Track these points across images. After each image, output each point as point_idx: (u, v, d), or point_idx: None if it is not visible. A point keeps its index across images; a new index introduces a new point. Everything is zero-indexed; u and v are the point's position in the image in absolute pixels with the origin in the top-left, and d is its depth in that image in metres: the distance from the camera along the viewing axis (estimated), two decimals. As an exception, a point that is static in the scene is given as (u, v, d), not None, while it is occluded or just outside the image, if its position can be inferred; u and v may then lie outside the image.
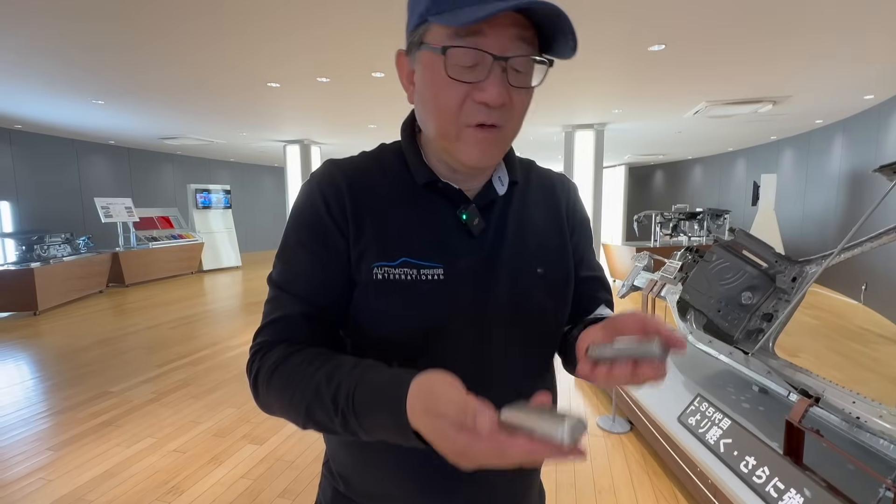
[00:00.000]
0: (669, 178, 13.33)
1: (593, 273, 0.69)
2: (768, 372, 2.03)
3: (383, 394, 0.44)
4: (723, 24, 3.17)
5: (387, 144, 0.62)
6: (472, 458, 0.39)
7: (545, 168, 0.70)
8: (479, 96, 0.49)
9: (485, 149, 0.52)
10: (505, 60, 0.48)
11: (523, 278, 0.59)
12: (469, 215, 0.57)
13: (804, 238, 7.55)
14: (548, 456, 0.36)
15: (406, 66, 0.55)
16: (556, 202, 0.66)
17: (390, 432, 0.44)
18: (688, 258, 3.09)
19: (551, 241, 0.63)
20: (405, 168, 0.58)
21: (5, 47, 3.51)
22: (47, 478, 2.19)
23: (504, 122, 0.51)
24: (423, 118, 0.55)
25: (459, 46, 0.47)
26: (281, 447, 2.45)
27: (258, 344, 0.55)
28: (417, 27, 0.51)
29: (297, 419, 0.51)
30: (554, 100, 5.31)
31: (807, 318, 5.09)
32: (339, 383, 0.47)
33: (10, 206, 6.86)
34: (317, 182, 0.57)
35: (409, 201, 0.57)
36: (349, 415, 0.46)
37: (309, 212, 0.56)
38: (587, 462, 2.30)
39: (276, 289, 0.57)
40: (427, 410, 0.40)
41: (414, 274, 0.54)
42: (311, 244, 0.56)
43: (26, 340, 4.54)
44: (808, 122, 6.88)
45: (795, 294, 2.25)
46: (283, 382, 0.51)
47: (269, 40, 3.43)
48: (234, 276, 8.76)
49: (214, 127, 7.01)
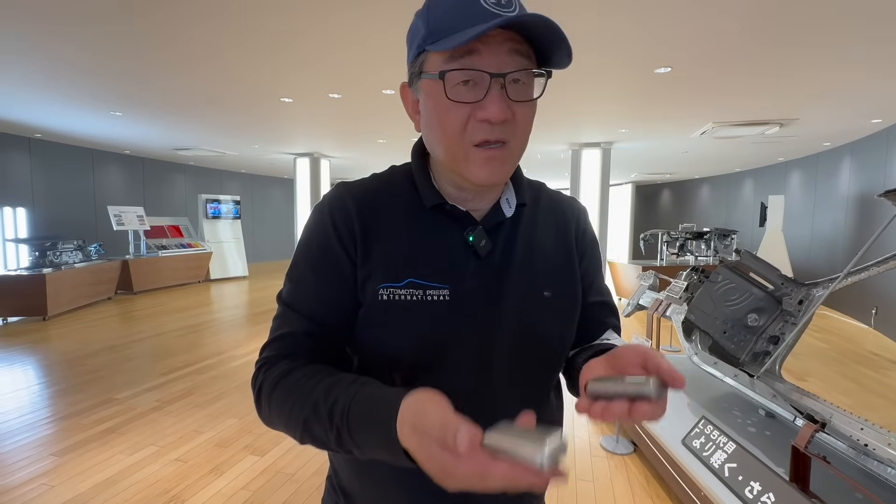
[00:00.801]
0: (676, 196, 13.32)
1: (602, 298, 0.68)
2: (774, 395, 2.01)
3: (376, 410, 0.45)
4: (728, 48, 3.22)
5: (397, 166, 0.64)
6: (454, 479, 0.38)
7: (555, 190, 0.70)
8: (481, 114, 0.50)
9: (493, 167, 0.53)
10: (502, 76, 0.49)
11: (530, 300, 0.59)
12: (476, 237, 0.58)
13: (812, 260, 7.48)
14: (528, 481, 0.36)
15: (410, 97, 0.58)
16: (566, 225, 0.66)
17: (381, 450, 0.45)
18: (693, 278, 3.09)
19: (560, 265, 0.63)
20: (414, 190, 0.60)
21: (31, 61, 3.64)
22: (50, 483, 2.20)
23: (509, 136, 0.52)
24: (431, 144, 0.57)
25: (455, 69, 0.49)
26: (281, 459, 2.45)
27: (263, 359, 0.57)
28: (416, 58, 0.53)
29: (296, 433, 0.52)
30: (561, 118, 5.38)
31: (815, 342, 5.02)
32: (336, 398, 0.48)
33: (26, 213, 7.00)
34: (328, 205, 0.59)
35: (417, 223, 0.58)
36: (343, 430, 0.47)
37: (319, 235, 0.58)
38: (590, 483, 2.27)
39: (285, 306, 0.59)
40: (414, 428, 0.41)
41: (420, 294, 0.55)
42: (319, 266, 0.57)
43: (34, 345, 4.59)
44: (815, 144, 6.88)
45: (802, 317, 2.23)
46: (283, 396, 0.52)
47: (285, 57, 3.53)
48: (241, 286, 8.82)
49: (227, 139, 7.16)
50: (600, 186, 7.05)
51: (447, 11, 0.50)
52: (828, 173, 7.24)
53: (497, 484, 0.36)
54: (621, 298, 7.41)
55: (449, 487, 0.39)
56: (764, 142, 6.60)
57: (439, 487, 0.56)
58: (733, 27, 2.88)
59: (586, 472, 2.36)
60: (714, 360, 2.40)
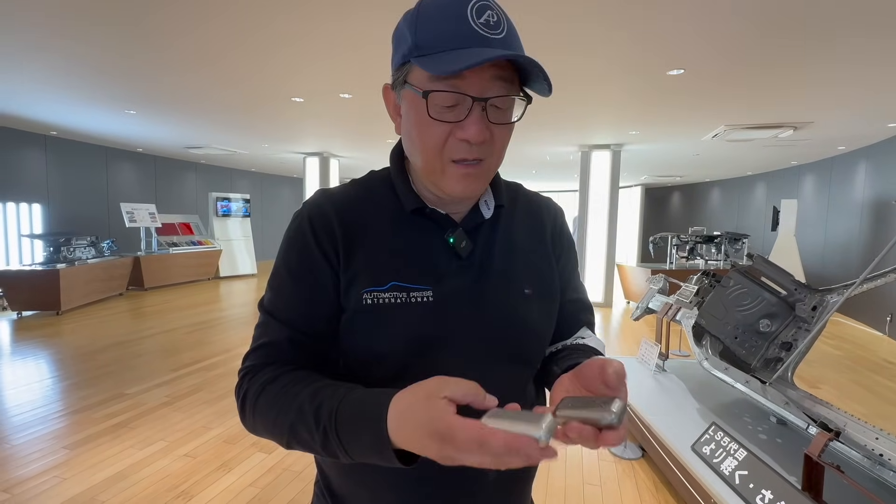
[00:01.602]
0: (686, 199, 13.20)
1: (577, 295, 0.70)
2: (786, 403, 1.98)
3: (365, 411, 0.45)
4: (742, 50, 3.18)
5: (376, 172, 0.65)
6: (454, 445, 0.38)
7: (532, 192, 0.72)
8: (461, 134, 0.51)
9: (468, 182, 0.54)
10: (484, 101, 0.50)
11: (511, 297, 0.60)
12: (456, 239, 0.59)
13: (826, 266, 7.37)
14: (526, 452, 0.36)
15: (392, 99, 0.58)
16: (542, 225, 0.68)
17: (369, 450, 0.45)
18: (704, 282, 3.05)
19: (538, 262, 0.65)
20: (394, 195, 0.61)
21: (48, 59, 3.70)
22: (62, 476, 2.23)
23: (486, 155, 0.54)
24: (410, 152, 0.58)
25: (440, 91, 0.50)
26: (288, 458, 2.46)
27: (246, 368, 0.57)
28: (402, 66, 0.54)
29: (282, 438, 0.52)
30: (570, 120, 5.35)
31: (829, 349, 4.94)
32: (322, 401, 0.49)
33: (42, 209, 7.12)
34: (307, 212, 0.59)
35: (398, 227, 0.59)
36: (330, 431, 0.47)
37: (298, 241, 0.58)
38: (598, 487, 2.26)
39: (267, 315, 0.59)
40: (402, 412, 0.42)
41: (403, 297, 0.56)
42: (299, 273, 0.58)
43: (48, 339, 4.67)
44: (830, 148, 6.78)
45: (816, 323, 2.20)
46: (269, 402, 0.53)
47: (296, 57, 3.56)
48: (249, 284, 8.89)
49: (238, 138, 7.22)
50: (610, 189, 7.01)
51: (435, 28, 0.50)
52: (842, 178, 7.13)
53: (496, 451, 0.37)
54: (629, 302, 7.36)
55: (449, 459, 0.39)
56: (777, 145, 6.51)
57: (430, 488, 0.58)
58: (748, 29, 2.84)
59: (594, 476, 2.35)
60: (725, 366, 2.37)
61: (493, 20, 0.50)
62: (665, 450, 2.20)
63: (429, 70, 0.49)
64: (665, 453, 2.19)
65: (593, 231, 7.09)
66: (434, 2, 0.52)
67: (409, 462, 0.45)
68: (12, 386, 3.41)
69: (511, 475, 0.62)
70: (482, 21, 0.49)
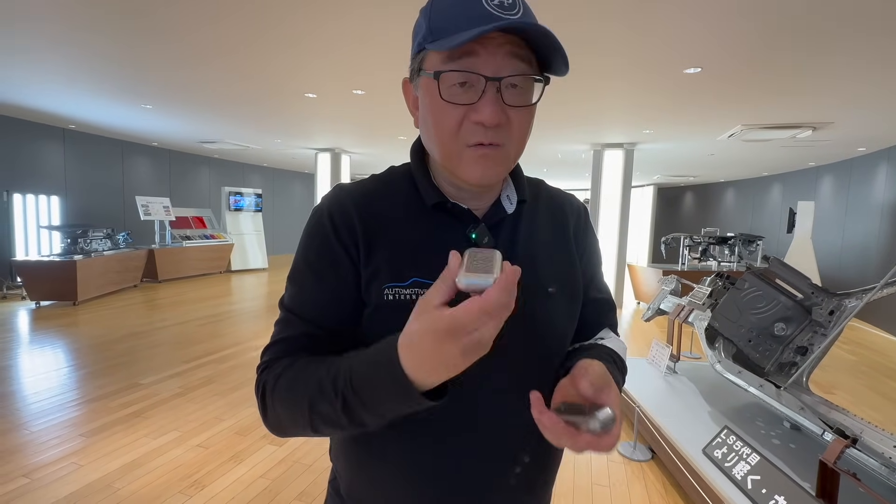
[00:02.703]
0: (700, 200, 13.03)
1: (601, 295, 0.69)
2: (801, 408, 1.95)
3: (375, 360, 0.45)
4: (762, 48, 3.12)
5: (395, 167, 0.64)
6: (467, 333, 0.38)
7: (554, 188, 0.70)
8: (474, 117, 0.50)
9: (486, 166, 0.52)
10: (498, 80, 0.49)
11: (534, 295, 0.59)
12: (478, 234, 0.58)
13: (843, 269, 7.23)
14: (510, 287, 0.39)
15: (411, 93, 0.58)
16: (566, 221, 0.67)
17: (393, 398, 0.44)
18: (718, 284, 3.02)
19: (562, 260, 0.64)
20: (414, 190, 0.60)
21: (67, 53, 3.77)
22: (79, 462, 2.28)
23: (504, 140, 0.52)
24: (427, 141, 0.57)
25: (451, 70, 0.49)
26: (299, 450, 2.49)
27: (265, 362, 0.57)
28: (417, 55, 0.53)
29: (305, 420, 0.51)
30: (583, 118, 5.31)
31: (844, 354, 4.85)
32: (338, 369, 0.48)
33: (59, 201, 7.26)
34: (326, 207, 0.58)
35: (419, 222, 0.58)
36: (349, 394, 0.46)
37: (318, 237, 0.58)
38: (606, 488, 2.25)
39: (286, 311, 0.58)
40: (408, 345, 0.42)
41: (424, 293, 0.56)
42: (319, 269, 0.57)
43: (65, 329, 4.77)
44: (849, 149, 6.64)
45: (833, 328, 2.16)
46: (287, 386, 0.52)
47: (311, 54, 3.57)
48: (260, 278, 8.98)
49: (252, 133, 7.28)
50: (622, 188, 6.94)
51: (448, 11, 0.50)
52: (862, 179, 6.98)
53: (500, 303, 0.38)
54: (640, 302, 7.30)
55: (473, 348, 0.39)
56: (795, 145, 6.39)
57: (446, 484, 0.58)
58: (768, 26, 2.79)
59: (602, 477, 2.34)
60: (738, 370, 2.34)
61: (509, 2, 0.49)
62: (675, 452, 2.18)
63: (439, 48, 0.48)
64: (675, 456, 2.17)
65: (604, 231, 7.03)
66: None
67: (437, 398, 0.44)
68: (31, 374, 3.49)
69: (532, 476, 0.61)
70: (496, 3, 0.48)
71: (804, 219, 7.12)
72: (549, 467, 0.64)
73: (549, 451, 0.62)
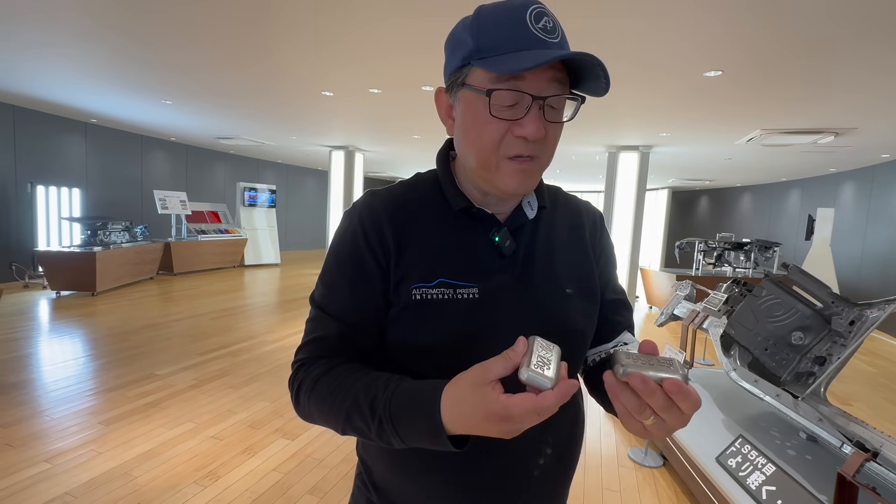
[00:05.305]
0: (715, 204, 12.84)
1: (617, 296, 0.72)
2: (820, 419, 1.92)
3: (418, 401, 0.49)
4: (784, 51, 3.07)
5: (422, 174, 0.68)
6: (512, 423, 0.44)
7: (571, 195, 0.75)
8: (519, 131, 0.54)
9: (522, 178, 0.57)
10: (543, 100, 0.53)
11: (553, 296, 0.63)
12: (501, 237, 0.61)
13: (862, 278, 7.07)
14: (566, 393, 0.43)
15: (446, 103, 0.61)
16: (582, 226, 0.70)
17: (424, 437, 0.49)
18: (734, 291, 2.98)
19: (579, 263, 0.67)
20: (441, 195, 0.63)
21: (90, 49, 3.85)
22: (97, 450, 2.34)
23: (539, 153, 0.56)
24: (464, 150, 0.60)
25: (503, 89, 0.52)
26: (311, 444, 2.52)
27: (300, 360, 0.61)
28: (460, 69, 0.56)
29: (337, 426, 0.56)
30: (599, 120, 5.27)
31: (862, 365, 4.75)
32: (376, 393, 0.52)
33: (80, 193, 7.42)
34: (358, 212, 0.62)
35: (445, 226, 0.62)
36: (386, 421, 0.50)
37: (349, 240, 0.61)
38: (617, 493, 2.24)
39: (318, 309, 0.62)
40: (454, 402, 0.47)
41: (450, 293, 0.58)
42: (349, 271, 0.61)
43: (84, 318, 4.88)
44: (872, 155, 6.49)
45: (853, 339, 2.12)
46: (325, 392, 0.56)
47: (329, 53, 3.60)
48: (273, 273, 9.08)
49: (267, 130, 7.37)
50: (636, 191, 6.87)
51: (497, 32, 0.53)
52: (885, 186, 6.81)
53: (549, 408, 0.42)
54: (652, 307, 7.22)
55: (510, 432, 0.45)
56: (815, 151, 6.26)
57: (476, 477, 0.60)
58: (790, 30, 2.74)
59: (613, 482, 2.33)
60: (754, 378, 2.31)
61: (550, 26, 0.53)
62: (688, 459, 2.16)
63: (494, 70, 0.52)
64: (688, 463, 2.15)
65: (618, 234, 6.97)
66: (493, 8, 0.54)
67: (461, 445, 0.50)
68: (51, 362, 3.58)
69: (553, 475, 0.64)
70: (540, 26, 0.52)
71: (823, 226, 6.98)
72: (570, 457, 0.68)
73: (568, 444, 0.67)
